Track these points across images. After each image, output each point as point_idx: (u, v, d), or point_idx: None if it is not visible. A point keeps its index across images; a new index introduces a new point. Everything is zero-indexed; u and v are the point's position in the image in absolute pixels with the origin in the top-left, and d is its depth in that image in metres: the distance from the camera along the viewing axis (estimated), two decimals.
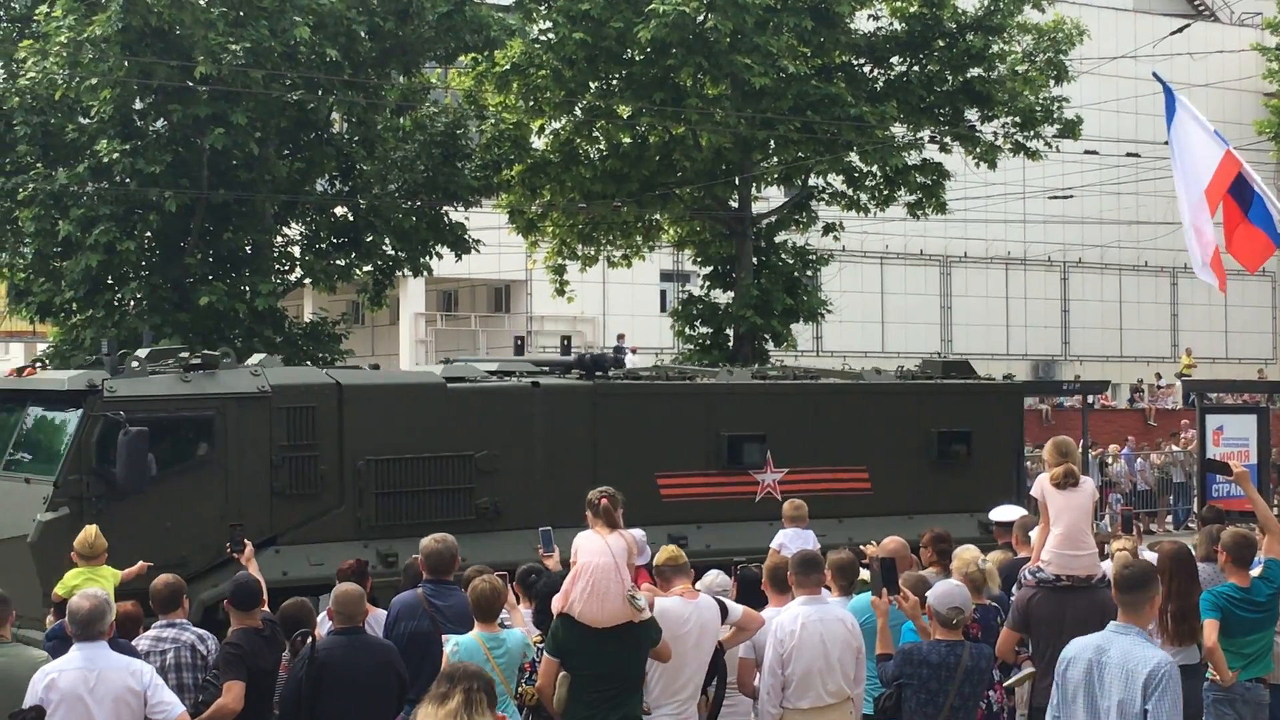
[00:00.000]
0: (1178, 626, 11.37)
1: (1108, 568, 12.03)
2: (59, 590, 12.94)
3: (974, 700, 9.63)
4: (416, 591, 11.19)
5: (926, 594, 9.98)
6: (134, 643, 10.54)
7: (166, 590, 10.83)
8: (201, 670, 10.34)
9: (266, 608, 10.73)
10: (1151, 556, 12.38)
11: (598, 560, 9.54)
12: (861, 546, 12.89)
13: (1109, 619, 10.67)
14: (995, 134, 32.28)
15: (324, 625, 10.98)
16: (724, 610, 10.35)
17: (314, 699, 9.85)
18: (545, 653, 9.84)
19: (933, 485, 20.71)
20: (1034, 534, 12.65)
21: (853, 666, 10.17)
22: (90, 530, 13.45)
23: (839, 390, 21.02)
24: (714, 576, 11.31)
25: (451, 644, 9.96)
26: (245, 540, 11.62)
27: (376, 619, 11.33)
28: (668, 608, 9.94)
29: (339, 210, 27.79)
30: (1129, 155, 38.58)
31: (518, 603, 11.36)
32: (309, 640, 10.11)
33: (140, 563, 14.35)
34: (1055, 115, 32.02)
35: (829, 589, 10.86)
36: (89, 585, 11.22)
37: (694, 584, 10.49)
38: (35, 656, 9.70)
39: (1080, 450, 25.04)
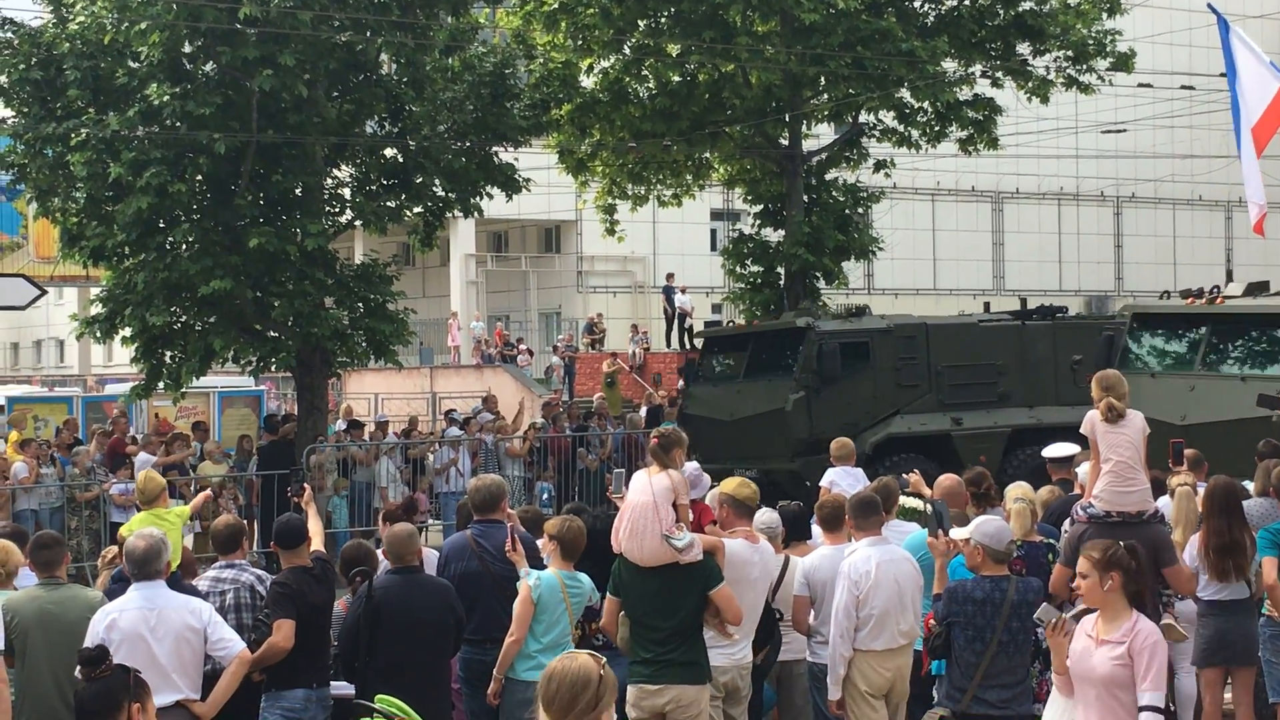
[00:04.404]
0: (1220, 562, 11.36)
1: (1164, 503, 12.01)
2: (123, 533, 13.06)
3: (1023, 635, 9.61)
4: (466, 533, 11.29)
5: (972, 533, 9.93)
6: (193, 583, 10.65)
7: (227, 531, 10.89)
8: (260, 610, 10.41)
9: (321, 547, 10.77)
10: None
11: (638, 500, 9.58)
12: (905, 475, 12.83)
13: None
14: (1047, 68, 31.98)
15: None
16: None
17: (371, 638, 9.94)
18: (608, 592, 9.91)
19: None
20: (1081, 470, 12.65)
21: (919, 606, 10.23)
22: (143, 474, 13.57)
23: None
24: (764, 514, 11.31)
25: (534, 578, 10.07)
26: (305, 484, 11.70)
27: (430, 561, 11.43)
28: (733, 551, 9.94)
29: (389, 152, 27.78)
30: (1183, 88, 38.20)
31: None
32: (366, 580, 10.20)
33: (205, 491, 14.50)
34: (1108, 48, 31.67)
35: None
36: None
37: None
38: (90, 597, 9.82)
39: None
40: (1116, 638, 7.85)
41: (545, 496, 26.05)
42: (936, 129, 32.49)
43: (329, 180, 27.43)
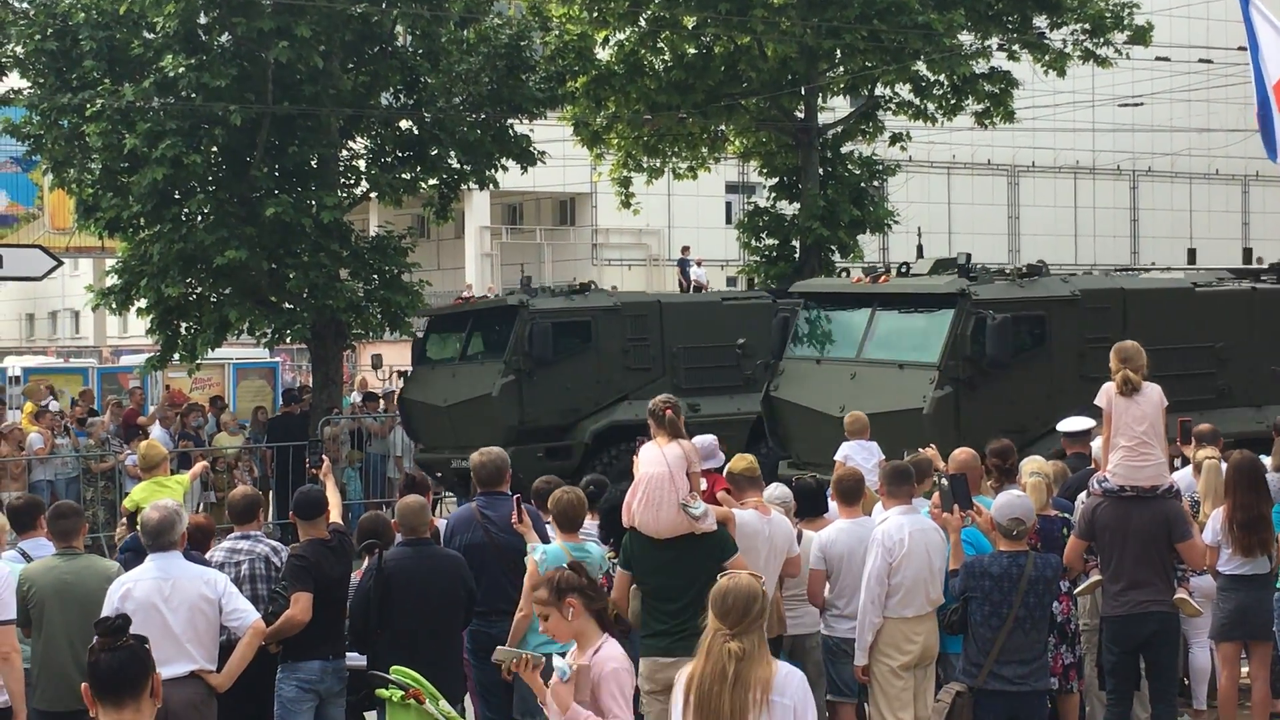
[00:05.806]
0: (1245, 537, 11.36)
1: (1179, 477, 11.99)
2: (127, 504, 13.10)
3: (1041, 611, 9.59)
4: (471, 505, 11.32)
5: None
6: (209, 555, 10.67)
7: (244, 502, 10.90)
8: (276, 582, 10.43)
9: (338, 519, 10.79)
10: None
11: (652, 471, 9.56)
12: (922, 450, 12.78)
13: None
14: (1064, 41, 31.83)
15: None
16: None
17: (382, 610, 9.96)
18: (619, 566, 9.90)
19: None
20: (1095, 444, 12.62)
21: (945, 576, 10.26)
22: (145, 443, 13.62)
23: None
24: (775, 489, 11.32)
25: (540, 552, 10.05)
26: (324, 456, 11.75)
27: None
28: (742, 520, 9.95)
29: (404, 124, 27.74)
30: (1201, 62, 38.07)
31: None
32: (376, 552, 10.21)
33: (202, 463, 14.56)
34: (1125, 22, 31.51)
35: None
36: (157, 497, 11.33)
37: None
38: (107, 567, 9.84)
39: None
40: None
41: None
42: (952, 102, 32.36)
43: (344, 152, 27.41)
